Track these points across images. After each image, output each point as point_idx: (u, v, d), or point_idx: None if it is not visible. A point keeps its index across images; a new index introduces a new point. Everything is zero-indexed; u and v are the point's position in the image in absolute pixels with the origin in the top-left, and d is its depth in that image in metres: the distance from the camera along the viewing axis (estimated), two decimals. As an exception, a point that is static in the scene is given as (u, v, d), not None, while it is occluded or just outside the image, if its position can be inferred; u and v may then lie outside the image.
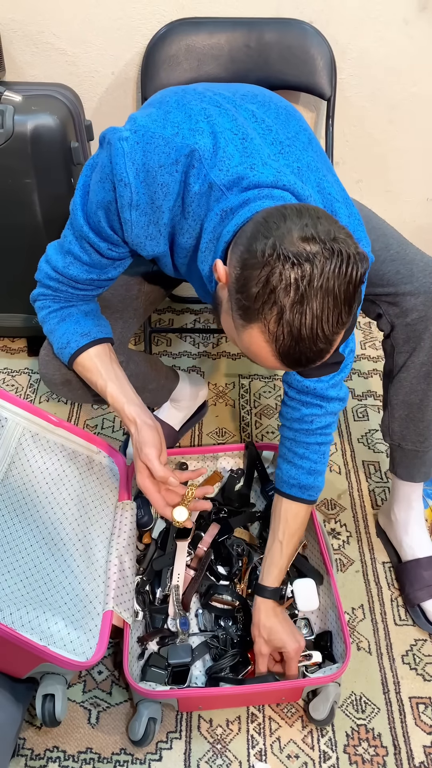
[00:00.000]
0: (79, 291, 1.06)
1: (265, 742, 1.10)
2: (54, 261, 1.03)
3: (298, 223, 0.71)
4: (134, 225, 0.91)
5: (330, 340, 0.73)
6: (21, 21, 1.45)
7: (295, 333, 0.71)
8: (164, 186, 0.88)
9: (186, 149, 0.87)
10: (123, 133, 0.88)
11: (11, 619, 0.99)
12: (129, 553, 1.19)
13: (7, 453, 1.19)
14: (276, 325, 0.72)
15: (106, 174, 0.89)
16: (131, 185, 0.87)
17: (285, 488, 1.13)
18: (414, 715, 1.14)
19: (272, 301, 0.71)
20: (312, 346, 0.72)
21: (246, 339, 0.77)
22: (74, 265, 1.01)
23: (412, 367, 1.12)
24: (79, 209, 0.96)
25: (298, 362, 0.75)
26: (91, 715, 1.13)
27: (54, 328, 1.07)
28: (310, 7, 1.44)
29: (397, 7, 1.44)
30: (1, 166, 1.37)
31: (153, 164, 0.87)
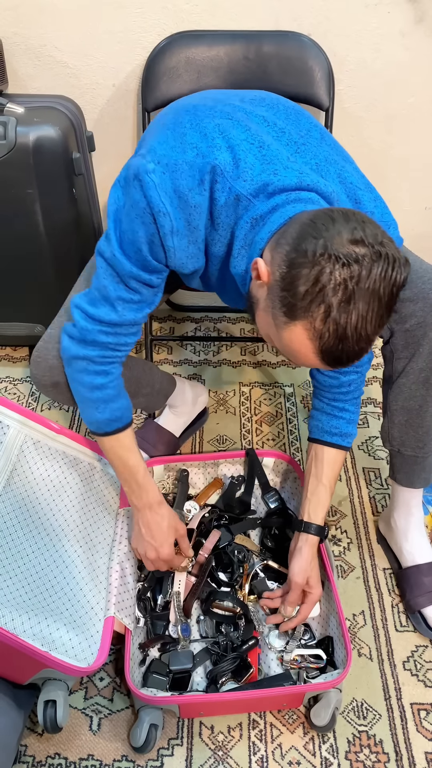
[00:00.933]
0: (134, 337, 1.07)
1: (266, 749, 1.10)
2: (102, 315, 1.01)
3: (346, 226, 0.75)
4: (177, 250, 0.94)
5: (371, 340, 0.76)
6: (23, 35, 1.47)
7: (341, 332, 0.74)
8: (197, 207, 0.91)
9: (208, 167, 0.89)
10: (148, 166, 0.90)
11: (13, 624, 1.00)
12: (130, 559, 1.19)
13: (9, 460, 1.19)
14: (322, 323, 0.75)
15: (142, 209, 0.91)
16: (170, 214, 0.90)
17: (327, 437, 1.17)
18: (415, 722, 1.14)
19: (320, 300, 0.74)
20: (354, 345, 0.76)
21: (287, 336, 0.79)
22: (128, 308, 1.01)
23: (411, 373, 1.13)
24: (120, 254, 0.97)
25: (338, 361, 0.78)
26: (92, 722, 1.13)
27: (112, 396, 1.09)
28: (308, 19, 1.46)
29: (393, 20, 1.46)
30: (4, 177, 1.39)
31: (183, 189, 0.89)
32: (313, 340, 0.77)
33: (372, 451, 1.61)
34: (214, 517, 1.31)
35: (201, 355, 1.89)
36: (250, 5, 1.44)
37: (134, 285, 0.99)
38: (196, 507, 1.33)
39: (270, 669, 1.15)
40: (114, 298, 1.00)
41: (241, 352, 1.90)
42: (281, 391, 1.77)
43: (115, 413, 1.09)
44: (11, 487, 1.18)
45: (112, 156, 1.64)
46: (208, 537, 1.26)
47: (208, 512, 1.32)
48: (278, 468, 1.41)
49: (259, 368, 1.85)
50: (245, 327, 2.00)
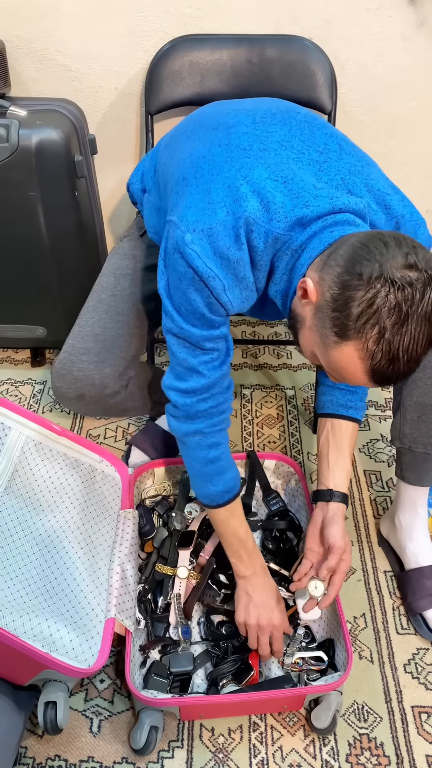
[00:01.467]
0: (229, 388, 1.08)
1: (267, 752, 1.10)
2: (194, 385, 1.04)
3: (399, 251, 0.77)
4: (233, 301, 0.96)
5: (419, 362, 0.78)
6: (26, 38, 1.48)
7: (393, 353, 0.77)
8: (240, 261, 0.93)
9: (241, 221, 0.91)
10: (185, 237, 0.92)
11: (14, 625, 1.00)
12: (131, 561, 1.19)
13: (11, 462, 1.20)
14: (375, 345, 0.77)
15: (191, 278, 0.93)
16: (219, 276, 0.92)
17: (342, 410, 1.18)
18: (416, 725, 1.14)
19: (375, 321, 0.76)
20: (404, 367, 0.78)
21: (337, 355, 0.82)
22: (212, 367, 1.03)
23: (428, 368, 1.13)
24: (186, 325, 0.99)
25: (387, 380, 0.81)
26: (92, 724, 1.13)
27: (225, 469, 1.11)
28: (309, 23, 1.46)
29: (395, 24, 1.47)
30: (6, 179, 1.39)
31: (223, 249, 0.91)
32: (364, 360, 0.79)
33: (373, 454, 1.61)
34: (215, 519, 1.31)
35: (202, 357, 1.89)
36: (252, 9, 1.44)
37: (209, 345, 1.01)
38: (198, 509, 1.33)
39: (271, 671, 1.15)
40: (197, 364, 1.02)
41: (243, 354, 1.90)
42: (282, 394, 1.77)
43: (228, 484, 1.11)
44: (12, 488, 1.18)
45: (115, 159, 1.65)
46: (209, 539, 1.26)
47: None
48: (279, 470, 1.41)
49: (261, 371, 1.85)
50: (246, 330, 2.00)
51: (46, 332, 1.70)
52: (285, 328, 1.99)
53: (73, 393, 1.14)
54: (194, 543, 1.25)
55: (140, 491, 1.37)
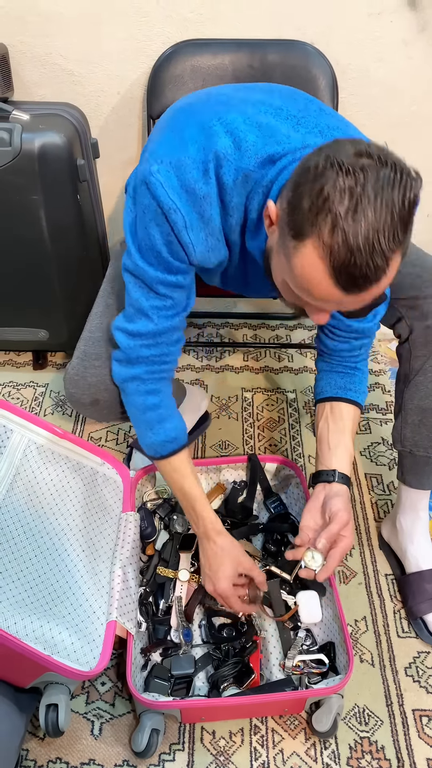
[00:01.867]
0: (176, 345, 1.07)
1: (267, 755, 1.10)
2: (140, 328, 1.02)
3: (350, 145, 0.73)
4: (195, 245, 0.94)
5: (386, 256, 0.71)
6: (29, 43, 1.49)
7: (351, 242, 0.70)
8: (206, 197, 0.91)
9: (210, 155, 0.89)
10: (152, 167, 0.90)
11: (16, 628, 1.00)
12: (132, 564, 1.20)
13: (12, 464, 1.20)
14: (330, 236, 0.71)
15: (153, 211, 0.91)
16: (180, 210, 0.90)
17: (342, 393, 1.15)
18: (417, 728, 1.14)
19: (326, 210, 0.70)
20: (369, 260, 0.71)
21: (299, 263, 0.76)
22: (163, 316, 1.02)
23: (429, 371, 1.13)
24: (142, 263, 0.97)
25: (354, 279, 0.73)
26: (94, 727, 1.13)
27: (165, 416, 1.09)
28: (311, 28, 1.47)
29: (396, 29, 1.47)
30: (9, 183, 1.40)
31: (189, 181, 0.90)
32: (324, 258, 0.72)
33: (374, 457, 1.61)
34: (217, 522, 1.32)
35: (204, 360, 1.89)
36: (254, 14, 1.45)
37: (163, 291, 0.99)
38: (199, 512, 1.33)
39: (272, 674, 1.15)
40: (148, 308, 1.00)
41: (244, 357, 1.91)
42: (283, 397, 1.77)
43: (169, 434, 1.09)
44: (14, 491, 1.18)
45: (117, 163, 1.65)
46: (210, 542, 1.26)
47: (210, 517, 1.32)
48: (280, 473, 1.41)
49: (262, 374, 1.85)
50: (248, 333, 2.00)
51: (48, 335, 1.70)
52: (287, 331, 2.00)
53: (88, 399, 1.14)
54: (195, 546, 1.25)
55: (142, 494, 1.37)
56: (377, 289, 0.75)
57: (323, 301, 0.79)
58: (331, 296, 0.77)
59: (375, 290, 0.75)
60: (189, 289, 1.03)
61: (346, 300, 0.77)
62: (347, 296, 0.76)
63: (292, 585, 1.23)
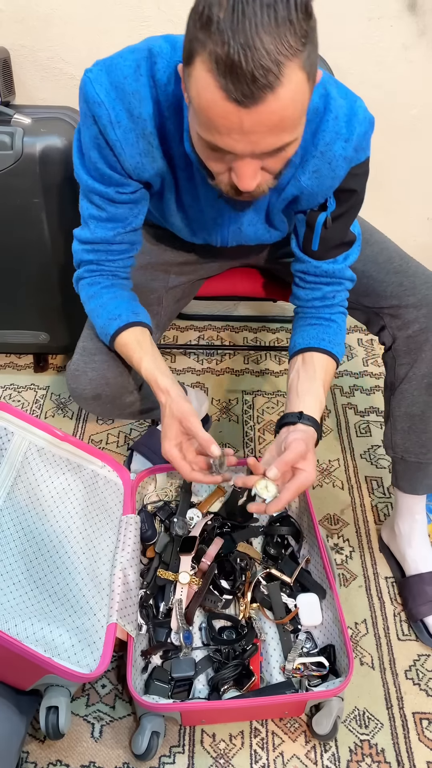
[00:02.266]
0: (117, 256, 1.07)
1: (268, 757, 1.10)
2: (81, 235, 1.05)
3: None
4: (123, 144, 0.91)
5: (275, 59, 0.66)
6: (31, 47, 1.49)
7: (232, 44, 0.66)
8: (135, 93, 0.88)
9: (144, 52, 0.88)
10: (86, 71, 0.90)
11: (16, 630, 1.00)
12: (133, 566, 1.20)
13: (13, 467, 1.20)
14: (214, 44, 0.67)
15: (84, 113, 0.91)
16: (104, 103, 0.88)
17: (315, 343, 1.08)
18: (417, 731, 1.14)
19: (206, 20, 0.67)
20: (253, 60, 0.66)
21: (193, 90, 0.72)
22: (99, 226, 1.03)
23: (413, 379, 1.14)
24: (80, 169, 0.98)
25: (243, 85, 0.68)
26: (94, 729, 1.13)
27: (105, 303, 1.07)
28: (311, 33, 1.48)
29: (396, 33, 1.48)
30: (11, 186, 1.40)
31: (118, 78, 0.88)
32: (212, 69, 0.68)
33: (374, 460, 1.61)
34: (217, 524, 1.32)
35: (204, 363, 1.90)
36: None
37: (97, 201, 1.00)
38: (199, 515, 1.33)
39: (272, 677, 1.16)
40: (86, 216, 1.02)
41: (244, 360, 1.91)
42: (284, 400, 1.77)
43: (112, 312, 1.07)
44: (15, 493, 1.18)
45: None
46: (210, 545, 1.26)
47: (210, 520, 1.32)
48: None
49: (262, 377, 1.86)
50: (248, 336, 2.01)
51: (48, 338, 1.71)
52: (287, 334, 2.00)
53: (90, 393, 1.14)
54: (196, 548, 1.26)
55: (142, 496, 1.38)
56: (276, 102, 0.69)
57: (227, 131, 0.73)
58: (228, 115, 0.71)
59: (274, 103, 0.69)
60: (126, 206, 1.01)
61: (246, 120, 0.70)
62: (245, 111, 0.70)
63: (293, 588, 1.24)
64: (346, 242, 1.04)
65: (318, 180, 0.96)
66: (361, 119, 0.92)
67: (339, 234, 1.03)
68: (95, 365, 1.11)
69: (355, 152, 0.94)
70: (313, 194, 0.98)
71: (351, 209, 1.02)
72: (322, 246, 1.04)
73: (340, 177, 0.96)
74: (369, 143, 0.96)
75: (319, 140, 0.91)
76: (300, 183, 0.97)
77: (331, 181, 0.96)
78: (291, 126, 0.74)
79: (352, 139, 0.92)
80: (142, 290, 1.22)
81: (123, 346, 1.07)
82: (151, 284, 1.25)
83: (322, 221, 1.01)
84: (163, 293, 1.26)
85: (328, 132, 0.91)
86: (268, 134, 0.73)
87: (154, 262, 1.25)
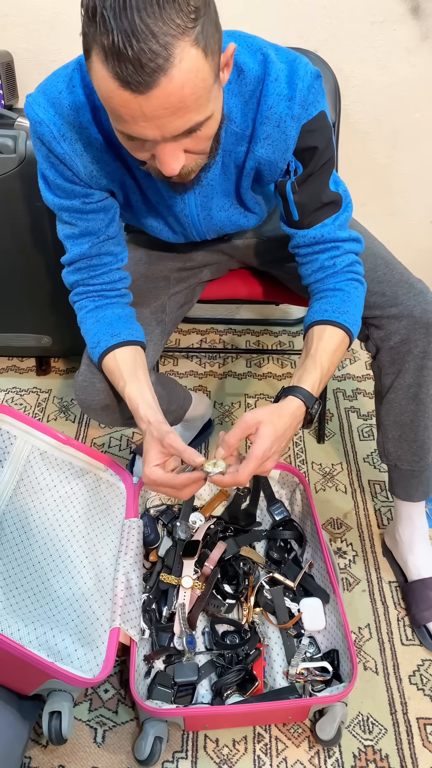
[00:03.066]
0: (100, 270, 1.07)
1: (271, 763, 1.10)
2: (64, 259, 1.08)
3: None
4: (73, 156, 0.93)
5: (161, 41, 0.66)
6: (34, 50, 1.50)
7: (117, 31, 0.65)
8: (72, 105, 0.89)
9: (74, 65, 0.89)
10: (29, 93, 0.92)
11: (19, 635, 1.00)
12: (136, 570, 1.19)
13: (16, 470, 1.20)
14: (102, 35, 0.67)
15: (31, 134, 0.93)
16: (44, 121, 0.90)
17: (316, 316, 1.02)
18: (421, 737, 1.13)
19: (93, 11, 0.67)
20: (139, 44, 0.65)
21: (95, 82, 0.72)
22: (74, 244, 1.04)
23: (399, 389, 1.13)
24: (46, 192, 1.00)
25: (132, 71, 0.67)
26: (97, 734, 1.12)
27: (89, 329, 1.09)
28: (314, 36, 1.48)
29: (399, 37, 1.48)
30: (14, 190, 1.40)
31: (53, 94, 0.89)
32: (104, 60, 0.68)
33: (377, 464, 1.61)
34: (220, 528, 1.31)
35: (206, 366, 1.89)
36: (258, 24, 1.46)
37: (67, 218, 1.01)
38: (202, 518, 1.33)
39: (275, 682, 1.15)
40: (63, 238, 1.05)
41: (247, 364, 1.91)
42: (286, 403, 1.77)
43: (92, 339, 1.07)
44: (17, 497, 1.18)
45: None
46: (213, 549, 1.26)
47: (213, 524, 1.32)
48: (284, 480, 1.41)
49: (265, 380, 1.85)
50: (250, 339, 2.01)
51: (51, 341, 1.71)
52: (289, 338, 2.00)
53: (99, 404, 1.13)
54: (199, 553, 1.25)
55: (145, 500, 1.37)
56: (171, 84, 0.69)
57: (132, 119, 0.73)
58: (127, 103, 0.70)
59: (169, 85, 0.69)
60: (101, 215, 1.02)
61: (146, 105, 0.70)
62: (142, 97, 0.69)
63: (296, 592, 1.23)
64: (328, 203, 0.99)
65: (272, 146, 0.93)
66: (302, 75, 0.89)
67: (315, 196, 0.98)
68: (103, 375, 1.11)
69: (303, 108, 0.90)
70: (272, 162, 0.95)
71: (320, 168, 0.97)
72: (302, 212, 0.99)
73: (294, 137, 0.92)
74: (318, 97, 0.91)
75: (263, 106, 0.90)
76: (255, 154, 0.95)
77: (284, 144, 0.93)
78: (195, 105, 0.73)
79: (296, 96, 0.89)
80: (145, 299, 1.22)
81: (109, 373, 1.08)
82: (153, 292, 1.24)
83: (290, 187, 0.99)
84: (165, 300, 1.26)
85: (271, 95, 0.89)
86: (172, 117, 0.72)
87: (153, 271, 1.25)
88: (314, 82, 0.90)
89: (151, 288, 1.25)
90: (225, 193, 1.03)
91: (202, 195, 1.02)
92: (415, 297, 1.09)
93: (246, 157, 0.96)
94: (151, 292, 1.24)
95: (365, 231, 1.23)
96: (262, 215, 1.12)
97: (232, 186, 1.02)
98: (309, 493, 1.33)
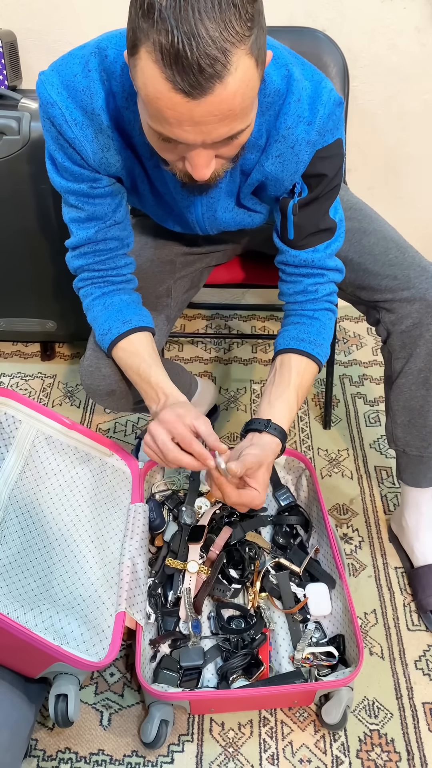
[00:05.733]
0: (106, 256, 1.06)
1: (277, 746, 1.10)
2: (68, 242, 1.06)
3: None
4: (83, 141, 0.91)
5: (221, 47, 0.65)
6: (38, 31, 1.48)
7: (176, 33, 0.64)
8: (86, 90, 0.87)
9: (92, 48, 0.87)
10: (42, 71, 0.90)
11: (25, 618, 1.00)
12: (141, 555, 1.19)
13: (21, 455, 1.20)
14: (158, 33, 0.65)
15: (42, 117, 0.91)
16: (57, 103, 0.88)
17: (293, 344, 1.05)
18: (427, 721, 1.13)
19: (150, 9, 0.65)
20: (199, 49, 0.64)
21: (140, 81, 0.70)
22: (80, 227, 1.03)
23: (410, 374, 1.12)
24: (53, 173, 0.98)
25: (189, 75, 0.66)
26: (103, 717, 1.13)
27: (97, 316, 1.08)
28: (323, 15, 1.45)
29: (409, 16, 1.46)
30: (18, 172, 1.39)
31: (68, 76, 0.87)
32: (157, 60, 0.67)
33: (384, 450, 1.60)
34: (226, 514, 1.31)
35: (212, 352, 1.89)
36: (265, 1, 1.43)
37: (74, 201, 1.00)
38: (208, 504, 1.33)
39: (281, 667, 1.15)
40: (68, 222, 1.03)
41: (252, 349, 1.90)
42: (292, 389, 1.76)
43: (102, 326, 1.07)
44: (23, 481, 1.18)
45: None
46: (219, 534, 1.26)
47: (219, 509, 1.32)
48: (290, 465, 1.40)
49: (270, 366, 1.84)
50: (256, 324, 1.99)
51: (56, 326, 1.70)
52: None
53: (105, 389, 1.13)
54: (204, 537, 1.25)
55: (150, 485, 1.37)
56: (225, 91, 0.68)
57: (177, 122, 0.71)
58: (177, 106, 0.69)
59: (223, 92, 0.67)
60: (108, 199, 1.00)
61: (196, 111, 0.69)
62: (194, 102, 0.68)
63: (302, 577, 1.23)
64: (324, 229, 1.00)
65: (281, 165, 0.93)
66: (325, 101, 0.88)
67: (313, 220, 0.99)
68: (109, 361, 1.11)
69: (320, 135, 0.90)
70: (278, 179, 0.95)
71: (325, 194, 0.97)
72: (297, 234, 1.00)
73: (305, 162, 0.92)
74: (337, 125, 0.91)
75: (280, 124, 0.89)
76: (264, 168, 0.94)
77: (295, 165, 0.93)
78: (242, 114, 0.73)
79: (315, 122, 0.88)
80: (151, 283, 1.20)
81: (126, 358, 1.06)
82: (159, 276, 1.23)
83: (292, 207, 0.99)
84: (171, 284, 1.25)
85: (290, 115, 0.88)
86: (218, 124, 0.72)
87: (159, 255, 1.24)
88: (335, 110, 0.89)
89: (157, 272, 1.23)
90: (229, 194, 1.03)
91: (209, 195, 1.01)
92: (428, 280, 1.08)
93: (254, 168, 0.95)
94: (156, 276, 1.23)
95: (374, 214, 1.22)
96: (266, 215, 1.11)
97: (235, 188, 1.02)
98: (315, 478, 1.33)
